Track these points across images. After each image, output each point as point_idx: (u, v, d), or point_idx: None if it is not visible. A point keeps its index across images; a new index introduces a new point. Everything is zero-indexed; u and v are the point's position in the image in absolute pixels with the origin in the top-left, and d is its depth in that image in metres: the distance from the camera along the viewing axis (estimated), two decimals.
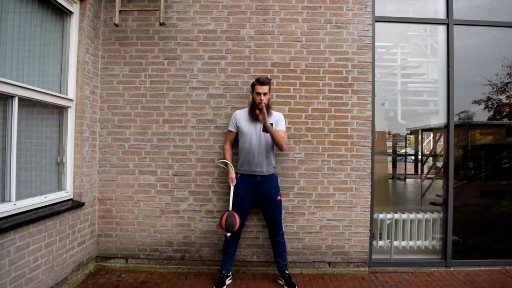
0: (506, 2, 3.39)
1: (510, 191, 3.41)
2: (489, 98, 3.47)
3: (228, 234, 2.56)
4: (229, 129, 2.77)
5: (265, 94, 2.60)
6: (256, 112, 2.58)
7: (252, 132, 2.64)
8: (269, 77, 2.88)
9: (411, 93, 3.72)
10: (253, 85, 2.67)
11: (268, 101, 2.65)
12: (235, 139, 2.80)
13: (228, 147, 2.79)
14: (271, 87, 2.94)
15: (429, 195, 3.71)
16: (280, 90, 2.97)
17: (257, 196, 2.67)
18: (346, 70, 2.98)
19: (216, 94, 2.98)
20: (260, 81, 2.61)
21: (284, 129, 2.71)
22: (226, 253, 2.70)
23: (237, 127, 2.71)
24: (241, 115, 2.71)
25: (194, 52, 2.98)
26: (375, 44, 3.08)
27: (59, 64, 2.63)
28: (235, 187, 2.68)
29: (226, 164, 2.78)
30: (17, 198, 2.10)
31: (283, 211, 2.89)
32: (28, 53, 2.29)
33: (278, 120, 2.69)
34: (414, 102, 3.72)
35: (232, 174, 2.69)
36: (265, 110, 2.51)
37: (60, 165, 2.63)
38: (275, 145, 2.62)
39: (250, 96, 2.74)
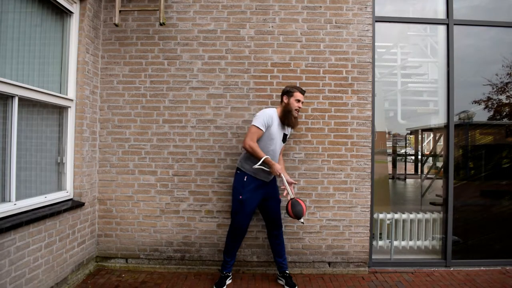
0: (506, 2, 3.39)
1: (510, 191, 3.41)
2: (489, 98, 3.47)
3: (302, 220, 2.43)
4: (259, 126, 2.47)
5: (302, 103, 2.63)
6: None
7: (278, 137, 2.59)
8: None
9: (411, 93, 3.72)
10: (291, 91, 2.56)
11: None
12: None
13: (256, 144, 2.50)
14: (272, 87, 2.95)
15: (429, 195, 3.71)
16: (280, 90, 2.96)
17: (263, 197, 2.64)
18: (346, 70, 2.98)
19: (216, 94, 2.98)
20: (302, 90, 2.63)
21: None
22: (228, 255, 2.69)
23: (267, 128, 2.51)
24: (275, 118, 2.54)
25: (194, 52, 2.98)
26: (375, 44, 3.08)
27: (59, 64, 2.63)
28: (241, 189, 2.54)
29: (264, 161, 2.46)
30: (17, 198, 2.10)
31: (282, 211, 2.88)
32: (28, 53, 2.29)
33: (290, 132, 2.78)
34: (414, 102, 3.72)
35: (277, 166, 2.45)
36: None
37: (60, 165, 2.63)
38: None
39: (284, 101, 2.58)
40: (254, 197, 2.58)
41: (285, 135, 2.66)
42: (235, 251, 2.70)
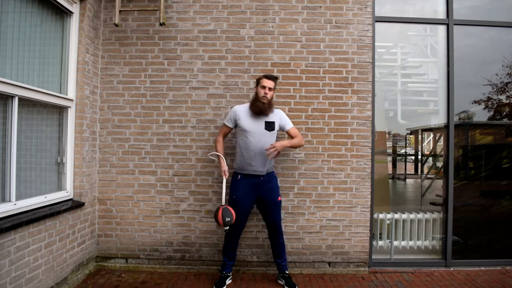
0: (506, 2, 3.39)
1: (510, 191, 3.41)
2: (489, 98, 3.47)
3: (226, 228, 2.49)
4: (226, 123, 2.65)
5: (270, 89, 2.55)
6: (268, 152, 2.48)
7: (254, 129, 2.55)
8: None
9: (411, 93, 3.72)
10: (258, 79, 2.61)
11: (272, 99, 2.60)
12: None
13: (221, 139, 2.68)
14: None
15: (429, 195, 3.71)
16: (280, 90, 2.97)
17: (258, 197, 2.63)
18: (346, 70, 2.98)
19: (216, 94, 2.98)
20: (267, 76, 2.59)
21: (293, 125, 2.69)
22: (227, 256, 2.69)
23: (236, 124, 2.61)
24: (243, 112, 2.59)
25: (194, 52, 2.98)
26: (375, 44, 3.08)
27: (59, 64, 2.63)
28: (234, 188, 2.62)
29: (218, 156, 2.67)
30: (17, 198, 2.10)
31: (283, 211, 2.89)
32: (28, 53, 2.29)
33: (283, 119, 2.66)
34: (414, 102, 3.72)
35: (225, 167, 2.59)
36: (269, 108, 2.55)
37: (60, 165, 2.63)
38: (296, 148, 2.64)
39: (254, 91, 2.66)
40: (247, 197, 2.59)
41: (268, 123, 2.57)
42: (232, 252, 2.70)
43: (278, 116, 2.65)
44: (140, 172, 2.98)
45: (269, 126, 2.57)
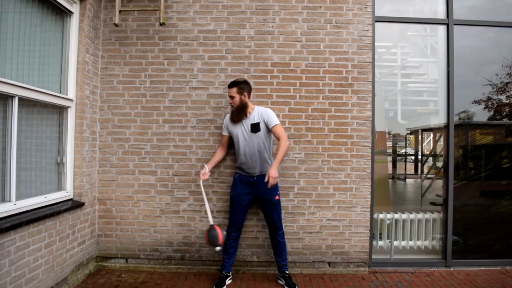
0: (506, 2, 3.39)
1: (510, 191, 3.41)
2: (489, 98, 3.47)
3: (218, 249, 2.50)
4: (222, 133, 2.79)
5: (231, 97, 2.58)
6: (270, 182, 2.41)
7: (238, 134, 2.63)
8: (245, 77, 2.86)
9: (411, 93, 3.72)
10: None
11: (241, 102, 2.58)
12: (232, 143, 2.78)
13: (218, 150, 2.82)
14: (272, 87, 2.95)
15: (429, 195, 3.71)
16: (280, 90, 2.97)
17: (255, 195, 2.67)
18: (346, 70, 2.98)
19: (216, 94, 2.98)
20: (228, 84, 2.63)
21: (278, 122, 2.56)
22: (226, 253, 2.71)
23: (229, 131, 2.72)
24: (229, 119, 2.71)
25: (194, 52, 2.98)
26: (375, 44, 3.08)
27: (59, 64, 2.63)
28: (232, 186, 2.73)
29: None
30: (17, 198, 2.10)
31: (283, 211, 2.88)
32: (28, 53, 2.29)
33: (266, 117, 2.58)
34: (414, 102, 3.72)
35: (202, 171, 2.67)
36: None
37: (60, 165, 2.63)
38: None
39: None
40: (242, 194, 2.66)
41: (253, 125, 2.58)
42: (232, 248, 2.71)
43: (260, 115, 2.60)
44: (140, 172, 2.98)
45: (254, 128, 2.60)
